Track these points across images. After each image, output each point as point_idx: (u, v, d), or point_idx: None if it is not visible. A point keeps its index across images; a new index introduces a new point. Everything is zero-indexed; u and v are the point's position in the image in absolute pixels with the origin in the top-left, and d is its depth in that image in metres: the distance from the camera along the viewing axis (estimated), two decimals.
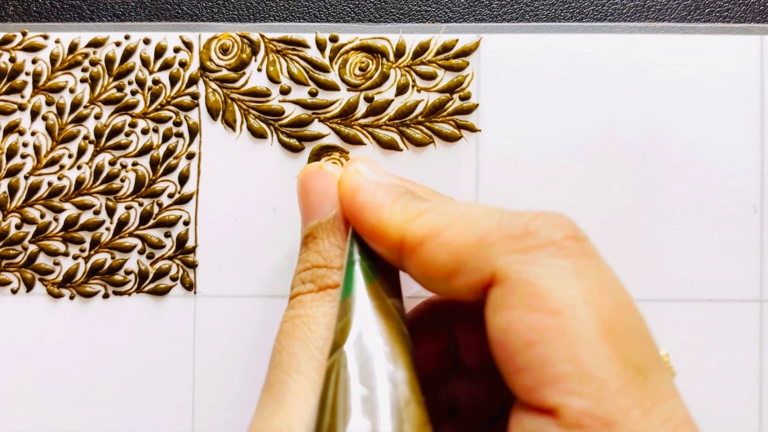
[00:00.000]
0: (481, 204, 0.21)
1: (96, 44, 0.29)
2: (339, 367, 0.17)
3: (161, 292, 0.28)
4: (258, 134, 0.28)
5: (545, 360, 0.15)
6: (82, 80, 0.29)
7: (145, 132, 0.29)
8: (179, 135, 0.29)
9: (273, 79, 0.29)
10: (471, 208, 0.19)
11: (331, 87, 0.28)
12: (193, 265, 0.28)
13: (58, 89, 0.29)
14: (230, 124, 0.29)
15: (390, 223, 0.19)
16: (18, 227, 0.28)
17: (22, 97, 0.29)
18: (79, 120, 0.29)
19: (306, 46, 0.29)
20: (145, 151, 0.29)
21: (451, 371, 0.23)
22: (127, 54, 0.29)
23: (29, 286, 0.28)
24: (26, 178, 0.29)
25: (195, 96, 0.29)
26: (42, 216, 0.28)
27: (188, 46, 0.29)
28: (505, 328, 0.16)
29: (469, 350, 0.22)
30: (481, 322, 0.19)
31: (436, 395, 0.22)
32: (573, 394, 0.15)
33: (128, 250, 0.28)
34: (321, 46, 0.29)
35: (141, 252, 0.28)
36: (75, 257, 0.28)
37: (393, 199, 0.20)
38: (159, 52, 0.29)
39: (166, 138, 0.29)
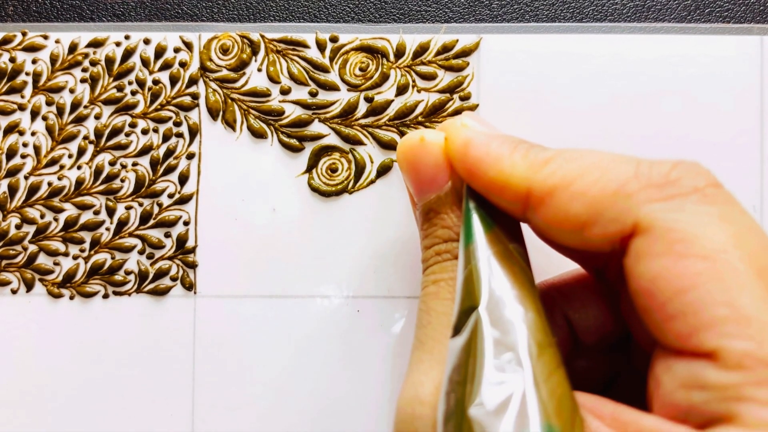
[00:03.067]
0: (608, 151, 0.20)
1: (96, 44, 0.29)
2: (475, 317, 0.17)
3: (161, 292, 0.28)
4: (258, 134, 0.28)
5: (700, 305, 0.15)
6: (82, 80, 0.29)
7: (145, 132, 0.29)
8: (179, 135, 0.29)
9: (273, 80, 0.29)
10: (600, 155, 0.18)
11: (331, 87, 0.28)
12: (193, 265, 0.28)
13: (58, 89, 0.29)
14: (230, 124, 0.29)
15: (512, 173, 0.18)
16: (18, 227, 0.28)
17: (22, 97, 0.29)
18: (79, 120, 0.29)
19: (306, 46, 0.29)
20: (145, 151, 0.29)
21: (570, 352, 0.23)
22: (127, 54, 0.29)
23: (29, 286, 0.28)
24: (26, 178, 0.29)
25: (195, 96, 0.29)
26: (42, 216, 0.28)
27: (188, 46, 0.29)
28: (653, 276, 0.16)
29: (585, 330, 0.22)
30: (592, 298, 0.19)
31: None
32: (733, 336, 0.15)
33: (128, 250, 0.28)
34: (321, 47, 0.29)
35: (141, 252, 0.28)
36: (75, 257, 0.28)
37: (511, 149, 0.19)
38: (159, 52, 0.29)
39: (166, 138, 0.29)
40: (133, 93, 0.29)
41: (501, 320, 0.17)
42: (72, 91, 0.29)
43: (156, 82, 0.29)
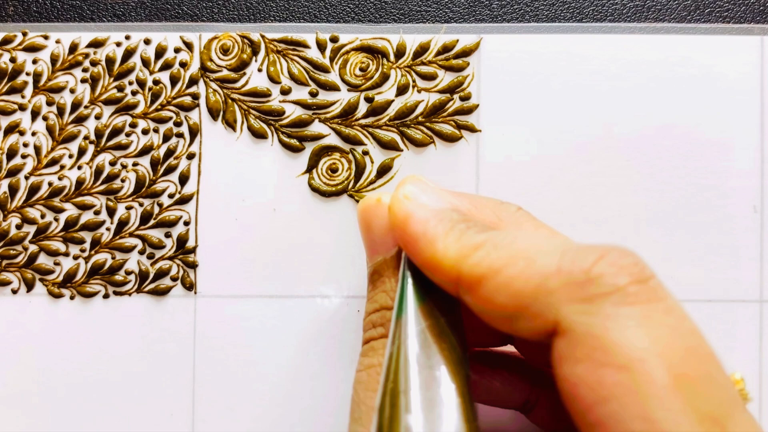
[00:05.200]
0: (542, 232, 0.20)
1: (96, 44, 0.29)
2: (394, 394, 0.17)
3: (161, 292, 0.28)
4: (258, 134, 0.28)
5: (617, 418, 0.15)
6: (83, 80, 0.29)
7: (145, 132, 0.29)
8: (180, 135, 0.29)
9: (273, 80, 0.29)
10: (530, 241, 0.18)
11: (331, 87, 0.28)
12: (193, 265, 0.28)
13: (59, 89, 0.29)
14: (231, 125, 0.29)
15: (444, 257, 0.18)
16: (18, 227, 0.28)
17: (23, 97, 0.29)
18: (80, 120, 0.29)
19: (306, 46, 0.29)
20: (145, 151, 0.29)
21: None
22: (128, 54, 0.29)
23: (29, 286, 0.28)
24: (27, 178, 0.29)
25: (195, 96, 0.29)
26: (42, 216, 0.29)
27: (189, 46, 0.29)
28: (574, 382, 0.16)
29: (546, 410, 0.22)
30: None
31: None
32: None
33: (128, 250, 0.28)
34: (321, 47, 0.29)
35: (141, 252, 0.28)
36: (75, 257, 0.28)
37: (446, 230, 0.19)
38: (159, 52, 0.29)
39: (166, 138, 0.29)
40: (134, 93, 0.29)
41: (424, 403, 0.17)
42: (72, 91, 0.29)
43: (156, 82, 0.29)
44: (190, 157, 0.29)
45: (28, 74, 0.29)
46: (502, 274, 0.17)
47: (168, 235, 0.28)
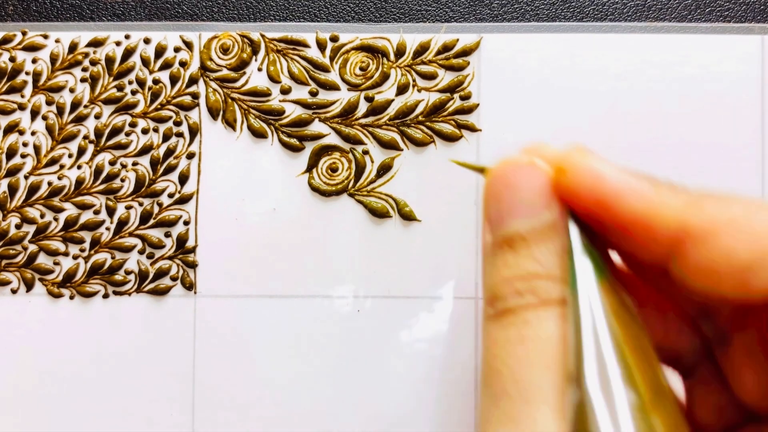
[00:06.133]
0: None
1: (96, 44, 0.29)
2: (584, 403, 0.15)
3: (161, 292, 0.28)
4: (258, 134, 0.28)
5: None
6: (83, 80, 0.29)
7: (145, 132, 0.29)
8: (179, 135, 0.29)
9: (273, 79, 0.28)
10: (759, 200, 0.16)
11: (331, 87, 0.28)
12: (193, 265, 0.28)
13: (58, 89, 0.29)
14: (230, 124, 0.29)
15: (665, 207, 0.16)
16: (18, 227, 0.28)
17: (22, 96, 0.29)
18: (79, 120, 0.29)
19: (306, 45, 0.29)
20: (145, 150, 0.29)
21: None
22: (128, 53, 0.29)
23: (29, 286, 0.28)
24: (26, 177, 0.29)
25: (195, 96, 0.29)
26: (42, 216, 0.28)
27: (188, 45, 0.29)
28: None
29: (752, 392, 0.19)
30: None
31: None
32: None
33: (128, 250, 0.28)
34: (321, 46, 0.29)
35: (141, 252, 0.28)
36: (75, 257, 0.28)
37: (653, 185, 0.17)
38: (159, 51, 0.29)
39: (166, 138, 0.29)
40: (134, 92, 0.29)
41: (614, 408, 0.15)
42: (72, 90, 0.29)
43: (156, 81, 0.29)
44: (190, 156, 0.29)
45: (27, 74, 0.29)
46: (745, 223, 0.15)
47: (168, 235, 0.28)
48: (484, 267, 0.19)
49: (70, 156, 0.29)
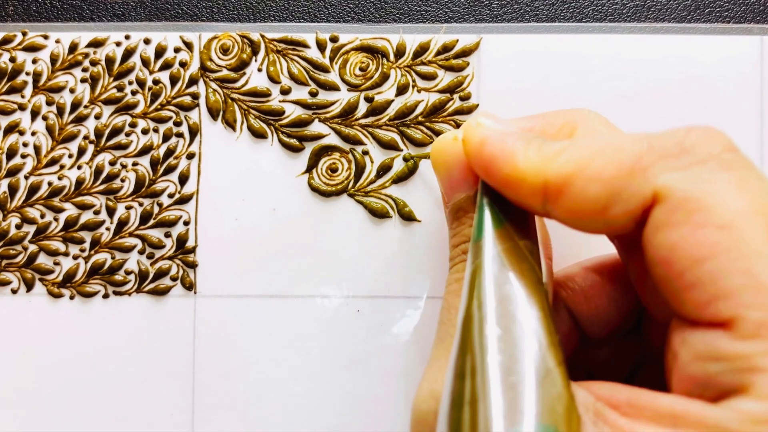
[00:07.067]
0: (619, 132, 0.20)
1: (96, 44, 0.29)
2: (476, 307, 0.17)
3: (161, 292, 0.28)
4: (258, 134, 0.28)
5: (717, 275, 0.15)
6: (83, 80, 0.29)
7: (145, 132, 0.29)
8: (179, 135, 0.29)
9: (273, 79, 0.29)
10: (611, 137, 0.18)
11: (331, 87, 0.28)
12: (193, 265, 0.28)
13: (59, 89, 0.29)
14: (230, 124, 0.29)
15: (527, 167, 0.18)
16: (18, 227, 0.28)
17: (23, 97, 0.29)
18: (80, 120, 0.29)
19: (306, 46, 0.29)
20: (145, 151, 0.29)
21: (579, 347, 0.23)
22: (128, 54, 0.29)
23: (29, 286, 0.28)
24: (26, 178, 0.29)
25: (195, 96, 0.29)
26: (42, 216, 0.28)
27: (188, 46, 0.29)
28: (671, 246, 0.16)
29: (590, 323, 0.22)
30: (593, 289, 0.20)
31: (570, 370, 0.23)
32: (749, 306, 0.15)
33: (128, 250, 0.28)
34: (321, 46, 0.29)
35: (141, 252, 0.28)
36: (75, 257, 0.28)
37: (525, 145, 0.19)
38: (159, 52, 0.29)
39: (166, 138, 0.29)
40: (134, 93, 0.29)
41: (504, 317, 0.17)
42: (72, 90, 0.29)
43: (156, 81, 0.29)
44: (190, 156, 0.29)
45: (27, 74, 0.29)
46: (592, 166, 0.17)
47: (168, 235, 0.28)
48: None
49: (70, 156, 0.29)
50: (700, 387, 0.16)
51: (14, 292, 0.28)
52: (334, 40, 0.29)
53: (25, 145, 0.29)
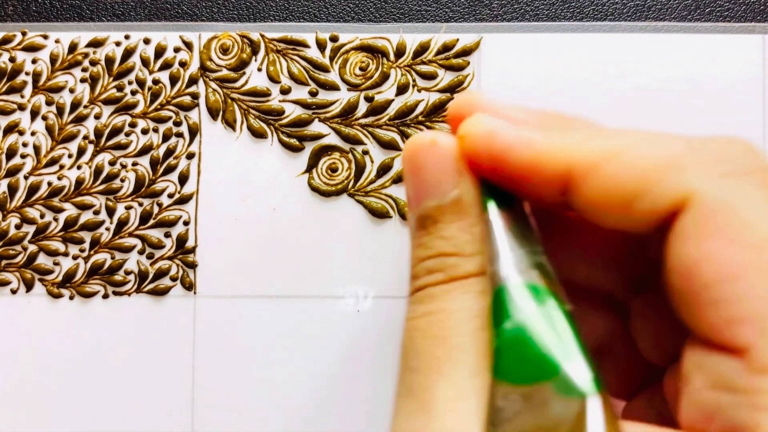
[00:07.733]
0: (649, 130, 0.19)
1: (96, 44, 0.29)
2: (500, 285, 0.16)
3: (161, 293, 0.28)
4: (258, 134, 0.28)
5: (740, 296, 0.14)
6: (82, 80, 0.29)
7: (145, 132, 0.29)
8: (179, 135, 0.29)
9: (273, 79, 0.28)
10: (645, 132, 0.17)
11: (331, 87, 0.28)
12: (193, 265, 0.28)
13: (58, 89, 0.29)
14: (230, 124, 0.29)
15: (550, 150, 0.17)
16: (18, 227, 0.28)
17: (22, 97, 0.29)
18: (79, 120, 0.29)
19: (306, 45, 0.29)
20: (145, 151, 0.29)
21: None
22: (127, 54, 0.29)
23: (29, 286, 0.28)
24: (26, 178, 0.29)
25: (195, 96, 0.29)
26: (42, 216, 0.28)
27: (188, 45, 0.29)
28: (696, 258, 0.15)
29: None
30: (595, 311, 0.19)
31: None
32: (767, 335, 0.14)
33: (128, 250, 0.28)
34: (321, 46, 0.29)
35: (141, 252, 0.28)
36: (75, 257, 0.28)
37: (543, 132, 0.17)
38: (159, 51, 0.29)
39: (166, 138, 0.29)
40: (133, 93, 0.29)
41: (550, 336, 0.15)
42: (72, 90, 0.29)
43: (156, 81, 0.29)
44: (190, 156, 0.29)
45: (27, 74, 0.29)
46: (625, 154, 0.16)
47: (167, 235, 0.28)
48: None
49: (69, 156, 0.29)
50: (707, 418, 0.14)
51: (14, 292, 0.28)
52: (334, 39, 0.29)
53: (24, 145, 0.29)
